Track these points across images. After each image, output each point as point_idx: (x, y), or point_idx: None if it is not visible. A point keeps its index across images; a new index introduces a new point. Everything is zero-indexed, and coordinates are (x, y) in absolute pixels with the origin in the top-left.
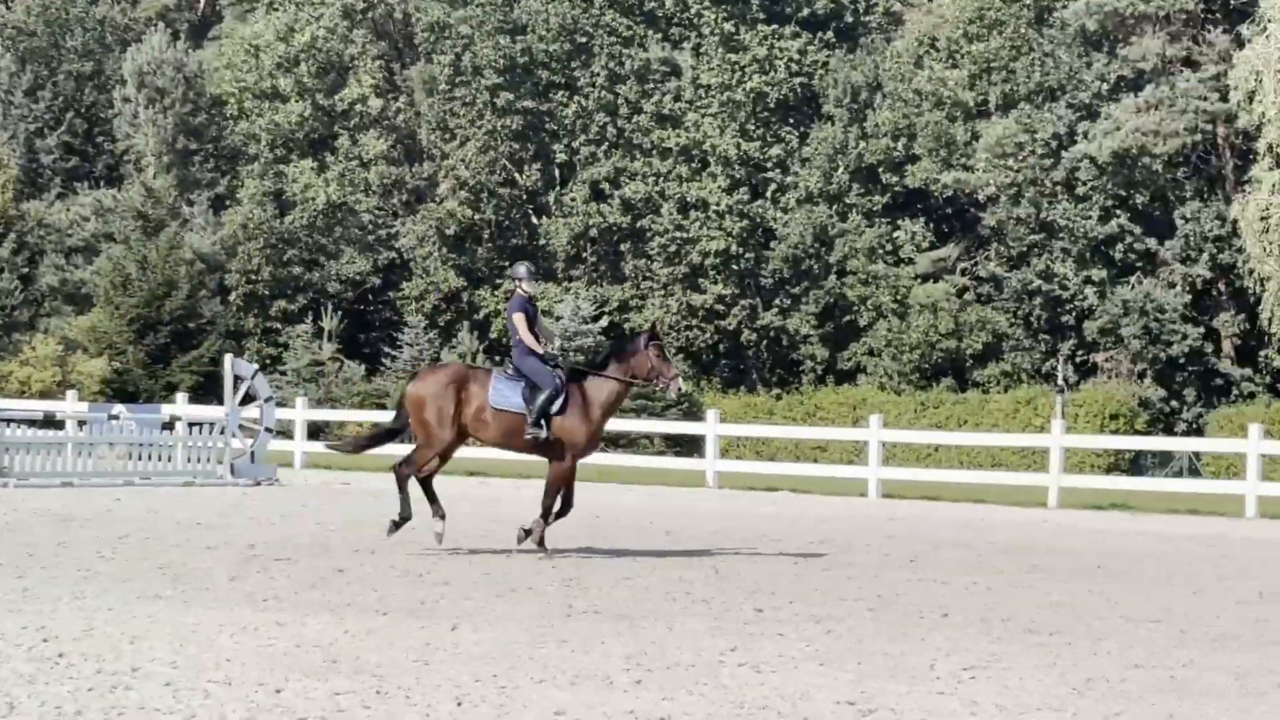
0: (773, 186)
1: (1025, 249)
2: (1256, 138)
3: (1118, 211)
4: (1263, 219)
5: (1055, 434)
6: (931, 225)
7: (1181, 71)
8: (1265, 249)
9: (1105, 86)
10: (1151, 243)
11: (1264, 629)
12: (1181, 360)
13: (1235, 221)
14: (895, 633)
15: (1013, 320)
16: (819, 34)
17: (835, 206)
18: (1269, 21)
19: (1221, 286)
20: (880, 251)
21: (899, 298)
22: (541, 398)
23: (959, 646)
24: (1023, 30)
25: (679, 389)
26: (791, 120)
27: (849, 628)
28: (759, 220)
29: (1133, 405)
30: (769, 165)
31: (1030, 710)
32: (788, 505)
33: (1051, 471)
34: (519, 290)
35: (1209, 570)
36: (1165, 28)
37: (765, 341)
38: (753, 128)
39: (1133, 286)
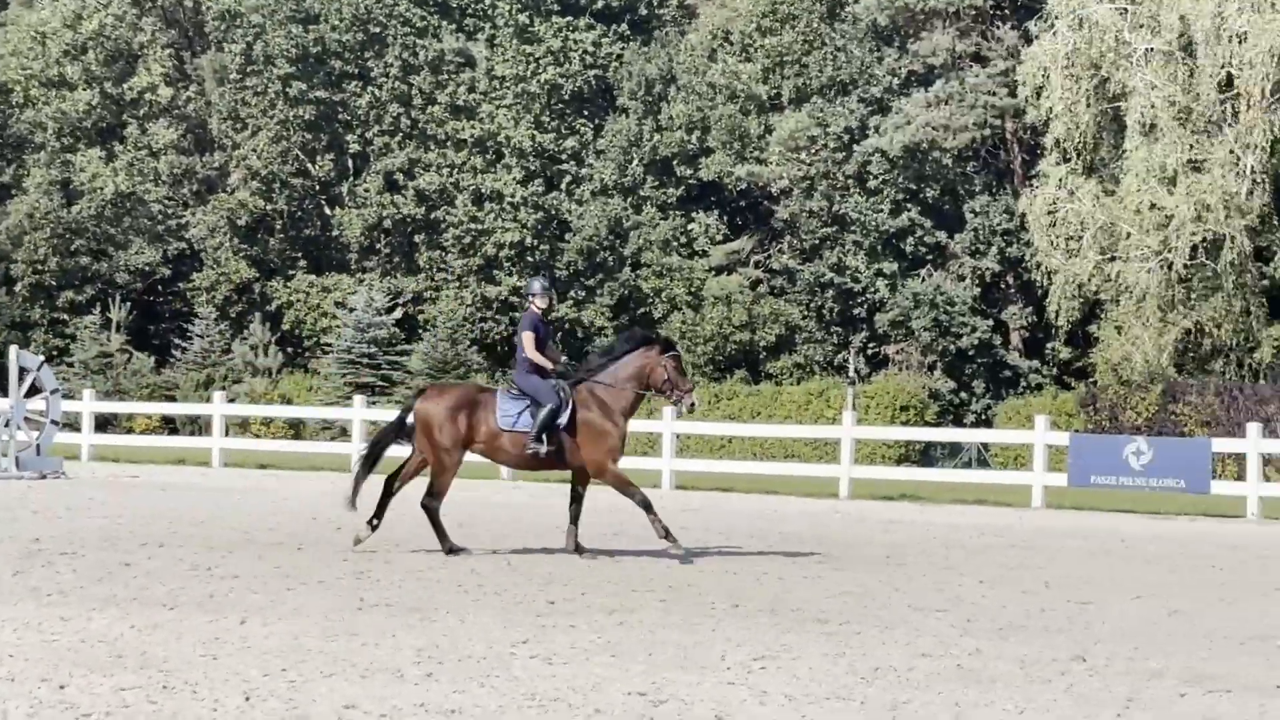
0: (567, 178)
1: (818, 242)
2: (1044, 133)
3: (908, 205)
4: (1050, 213)
5: (846, 425)
6: (725, 218)
7: (971, 67)
8: (1052, 242)
9: (896, 81)
10: (941, 236)
11: (1049, 618)
12: (971, 352)
13: (1023, 215)
14: (687, 623)
15: (805, 313)
16: (613, 26)
17: (630, 199)
18: (1056, 18)
19: (1010, 279)
20: (674, 244)
21: (693, 290)
22: (543, 413)
23: (750, 637)
24: (815, 24)
25: (693, 404)
26: (586, 112)
27: (640, 619)
28: (554, 212)
29: (923, 397)
30: (564, 157)
31: (819, 700)
32: (588, 497)
33: (843, 462)
34: (532, 307)
35: (996, 560)
36: (955, 23)
37: (560, 334)
38: (547, 119)
39: (923, 279)
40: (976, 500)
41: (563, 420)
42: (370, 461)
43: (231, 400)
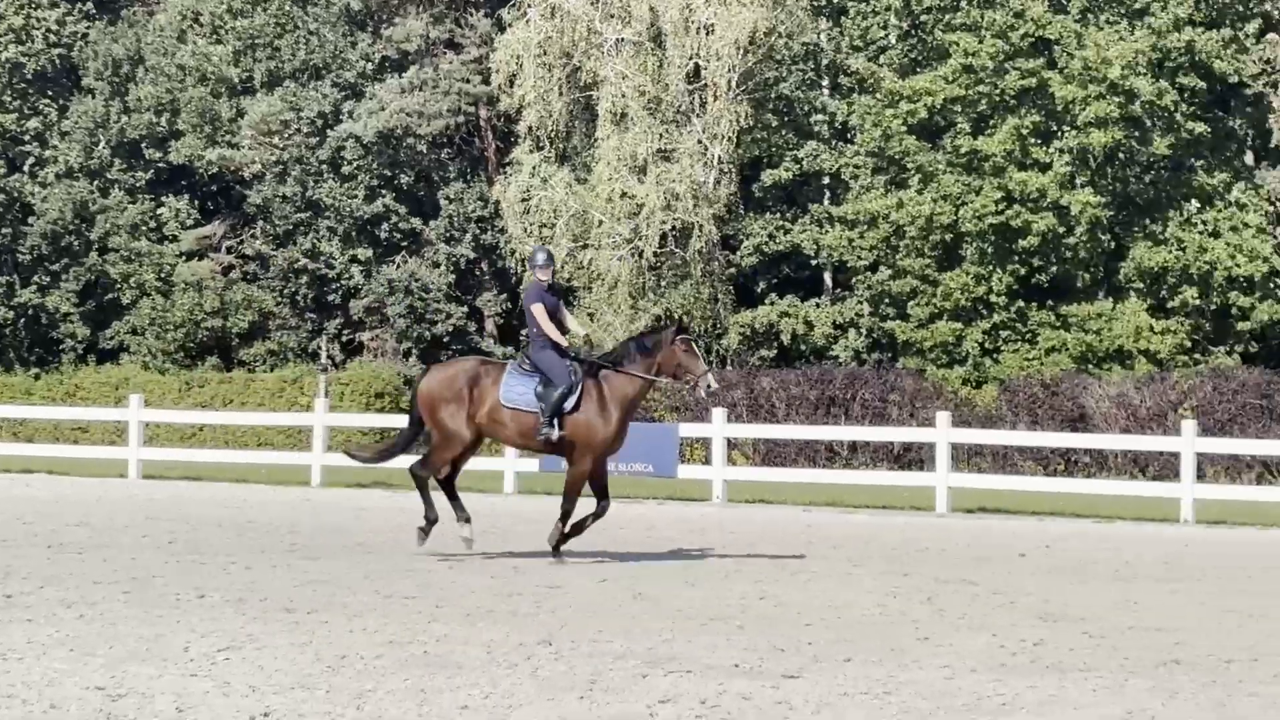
0: (30, 160)
1: (291, 227)
2: (518, 120)
3: (383, 191)
4: (524, 200)
5: (319, 413)
6: (196, 202)
7: (445, 54)
8: (526, 230)
9: (370, 66)
10: (416, 223)
11: (517, 602)
12: (446, 339)
13: (497, 203)
14: (150, 615)
15: (279, 299)
16: (78, 4)
17: (97, 182)
18: (529, 6)
19: (484, 266)
20: (144, 228)
21: (163, 276)
22: (554, 395)
23: (215, 627)
24: (287, 7)
25: (710, 386)
26: (50, 92)
27: (102, 611)
28: (16, 195)
29: (398, 384)
30: (26, 138)
31: (284, 689)
32: (45, 488)
33: (315, 450)
34: (535, 278)
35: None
36: (429, 9)
37: (23, 320)
38: (9, 99)
39: (398, 266)
40: None
41: (569, 405)
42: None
43: None
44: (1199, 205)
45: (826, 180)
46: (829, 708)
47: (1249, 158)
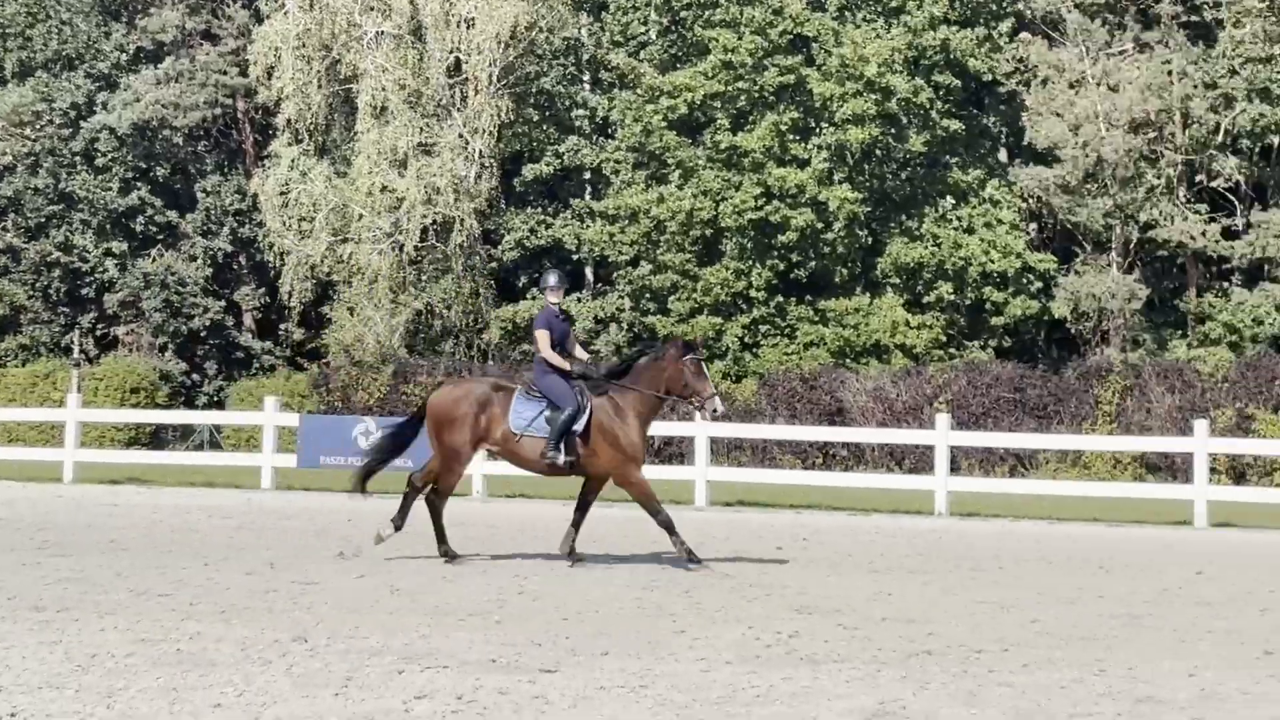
0: None
1: (44, 220)
2: (276, 113)
3: (138, 183)
4: (283, 194)
5: (71, 408)
6: None
7: (202, 45)
8: (285, 223)
9: (125, 57)
10: (173, 215)
11: (272, 599)
12: (203, 333)
13: (255, 196)
14: None
15: (31, 293)
16: None
17: None
18: None
19: (243, 260)
20: None
21: None
22: (561, 418)
23: None
24: None
25: (716, 410)
26: None
27: None
28: None
29: (154, 379)
30: None
31: (32, 689)
32: None
33: (67, 446)
34: (546, 301)
35: (222, 542)
36: (185, 0)
37: None
38: None
39: (154, 259)
40: (206, 483)
41: (579, 426)
42: (378, 461)
43: None
44: (954, 202)
45: (588, 175)
46: (586, 701)
47: (1003, 155)
